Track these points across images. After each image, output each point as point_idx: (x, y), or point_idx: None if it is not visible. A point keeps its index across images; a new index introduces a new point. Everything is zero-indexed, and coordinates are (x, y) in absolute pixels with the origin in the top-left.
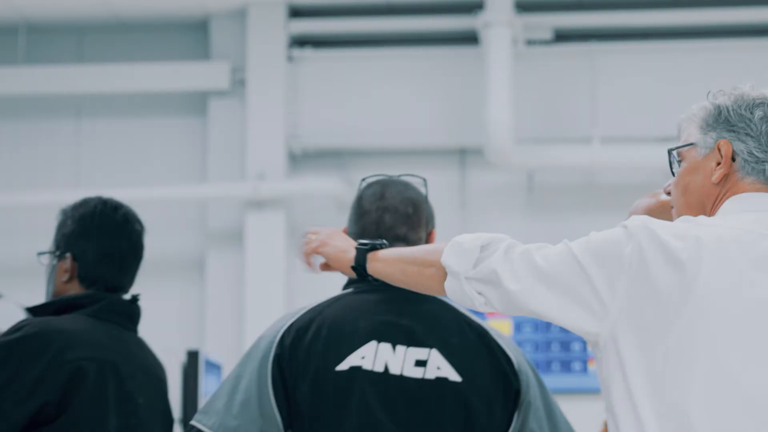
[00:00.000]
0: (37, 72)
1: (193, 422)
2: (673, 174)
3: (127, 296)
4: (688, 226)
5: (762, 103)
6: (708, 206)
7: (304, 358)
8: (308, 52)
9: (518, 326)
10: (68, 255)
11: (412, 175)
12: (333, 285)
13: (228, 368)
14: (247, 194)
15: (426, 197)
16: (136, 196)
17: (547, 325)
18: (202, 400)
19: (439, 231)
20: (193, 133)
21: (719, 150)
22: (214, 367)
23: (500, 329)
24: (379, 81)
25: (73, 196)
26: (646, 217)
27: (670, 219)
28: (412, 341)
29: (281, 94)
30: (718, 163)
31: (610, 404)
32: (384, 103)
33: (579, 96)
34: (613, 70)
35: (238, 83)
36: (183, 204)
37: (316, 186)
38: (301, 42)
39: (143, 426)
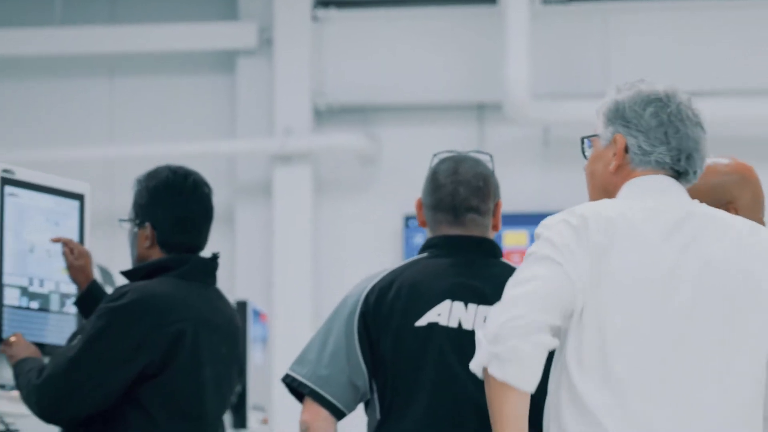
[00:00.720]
0: (72, 33)
1: (288, 371)
2: (585, 158)
3: (206, 254)
4: (599, 209)
5: (654, 101)
6: (610, 192)
7: (386, 315)
8: (332, 12)
9: (533, 237)
10: (147, 224)
11: (480, 152)
12: (355, 236)
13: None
14: (275, 149)
15: (493, 172)
16: (167, 151)
17: None
18: (251, 347)
19: None
20: (222, 91)
21: (615, 143)
22: (257, 314)
23: (517, 239)
24: (401, 40)
25: (107, 152)
26: (559, 215)
27: (712, 182)
28: (482, 300)
29: (307, 53)
30: (615, 154)
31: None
32: (406, 61)
33: (593, 53)
34: (626, 29)
35: (265, 43)
36: (213, 159)
37: (341, 141)
38: (325, 2)
39: (228, 373)
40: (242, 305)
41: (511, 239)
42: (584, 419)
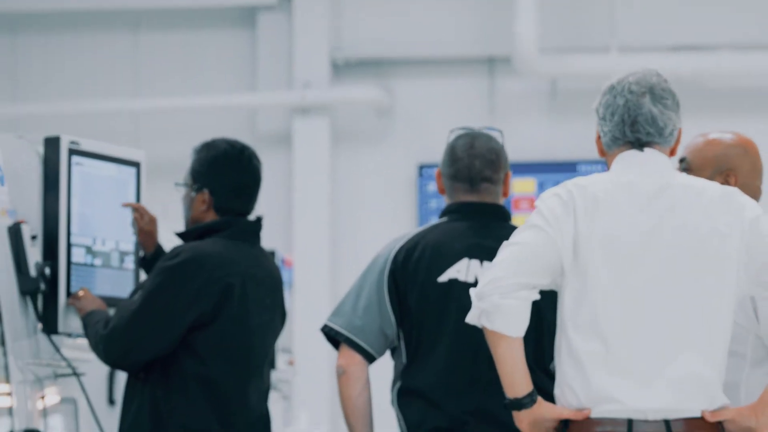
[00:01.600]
0: None
1: (326, 322)
2: None
3: (252, 218)
4: (586, 184)
5: (607, 91)
6: (609, 166)
7: (412, 272)
8: None
9: (541, 185)
10: (206, 190)
11: (492, 129)
12: (371, 184)
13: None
14: (294, 101)
15: (503, 146)
16: (191, 103)
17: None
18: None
19: None
20: (244, 46)
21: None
22: (282, 261)
23: (524, 187)
24: None
25: (132, 104)
26: (552, 189)
27: (715, 152)
28: (495, 258)
29: (325, 9)
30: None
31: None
32: (419, 17)
33: (600, 8)
34: None
35: None
36: (234, 111)
37: (357, 93)
38: None
39: (272, 320)
40: (271, 254)
41: (519, 187)
42: (574, 364)
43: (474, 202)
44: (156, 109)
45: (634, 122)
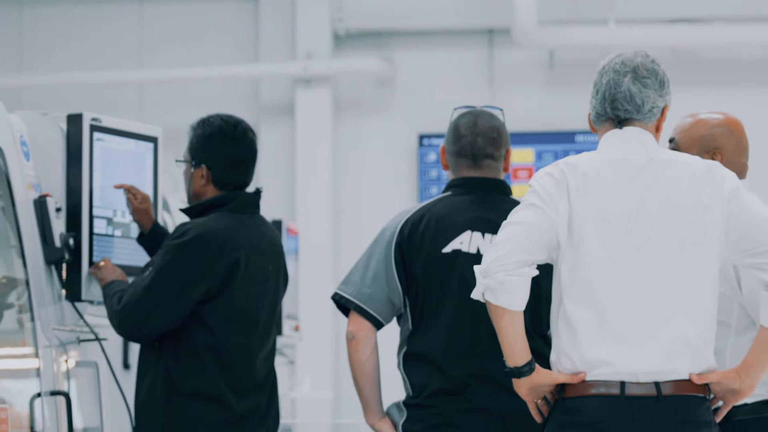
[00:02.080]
0: None
1: (336, 291)
2: None
3: (251, 189)
4: (576, 162)
5: (597, 73)
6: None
7: (418, 243)
8: None
9: (539, 155)
10: (203, 165)
11: (493, 107)
12: (373, 153)
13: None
14: (297, 72)
15: (504, 123)
16: (194, 74)
17: (566, 154)
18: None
19: (468, 103)
20: (247, 17)
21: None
22: (292, 239)
23: (523, 157)
24: None
25: (136, 75)
26: (545, 169)
27: (702, 132)
28: (495, 230)
29: None
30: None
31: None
32: None
33: None
34: None
35: None
36: (238, 82)
37: (359, 64)
38: None
39: (275, 287)
40: (277, 224)
41: (517, 157)
42: (570, 331)
43: (476, 177)
44: (160, 80)
45: (614, 99)
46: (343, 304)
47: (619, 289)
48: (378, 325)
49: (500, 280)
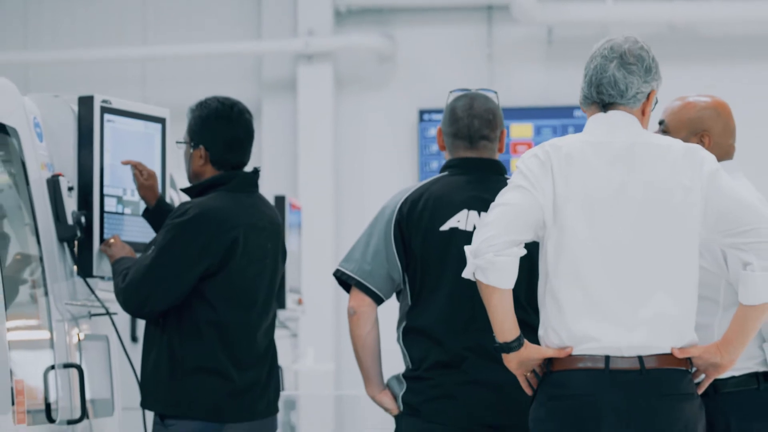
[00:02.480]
0: None
1: (338, 267)
2: None
3: (249, 169)
4: (561, 144)
5: (591, 56)
6: None
7: (417, 221)
8: None
9: (538, 129)
10: (201, 146)
11: (488, 90)
12: (374, 128)
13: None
14: (299, 49)
15: (498, 105)
16: (197, 51)
17: (564, 128)
18: (288, 234)
19: (467, 81)
20: None
21: None
22: (295, 214)
23: (522, 132)
24: None
25: (140, 52)
26: (530, 151)
27: (690, 115)
28: (486, 218)
29: None
30: None
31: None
32: None
33: None
34: None
35: None
36: (241, 58)
37: (360, 40)
38: None
39: (274, 264)
40: (280, 199)
41: (516, 131)
42: (556, 308)
43: (473, 158)
44: (163, 56)
45: (599, 84)
46: (344, 281)
47: (603, 268)
48: (378, 300)
49: (490, 260)
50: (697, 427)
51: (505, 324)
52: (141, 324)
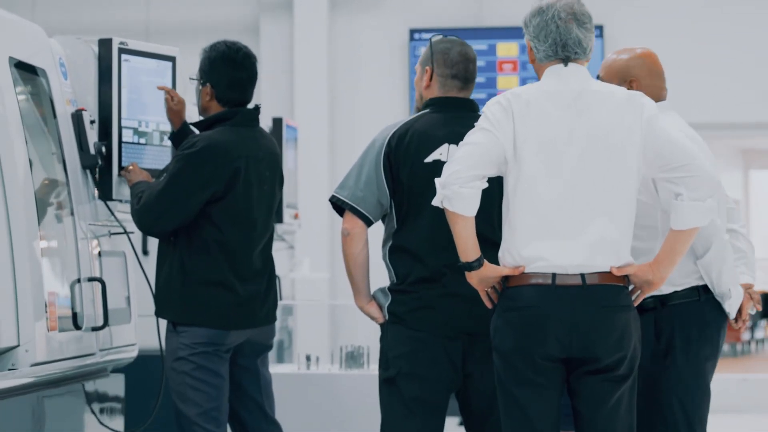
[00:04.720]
0: None
1: (333, 193)
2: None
3: (251, 106)
4: (520, 92)
5: (537, 13)
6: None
7: (404, 153)
8: None
9: (522, 48)
10: (208, 84)
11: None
12: (367, 47)
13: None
14: None
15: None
16: None
17: None
18: (286, 150)
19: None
20: None
21: (528, 47)
22: (291, 129)
23: (508, 50)
24: None
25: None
26: (494, 98)
27: (618, 66)
28: (454, 154)
29: None
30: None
31: None
32: None
33: None
34: None
35: None
36: None
37: None
38: None
39: (272, 189)
40: (278, 121)
41: (503, 50)
42: (513, 232)
43: (451, 97)
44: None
45: (565, 45)
46: (339, 205)
47: (553, 198)
48: (369, 223)
49: (456, 191)
50: (632, 334)
51: (467, 246)
52: (152, 240)
